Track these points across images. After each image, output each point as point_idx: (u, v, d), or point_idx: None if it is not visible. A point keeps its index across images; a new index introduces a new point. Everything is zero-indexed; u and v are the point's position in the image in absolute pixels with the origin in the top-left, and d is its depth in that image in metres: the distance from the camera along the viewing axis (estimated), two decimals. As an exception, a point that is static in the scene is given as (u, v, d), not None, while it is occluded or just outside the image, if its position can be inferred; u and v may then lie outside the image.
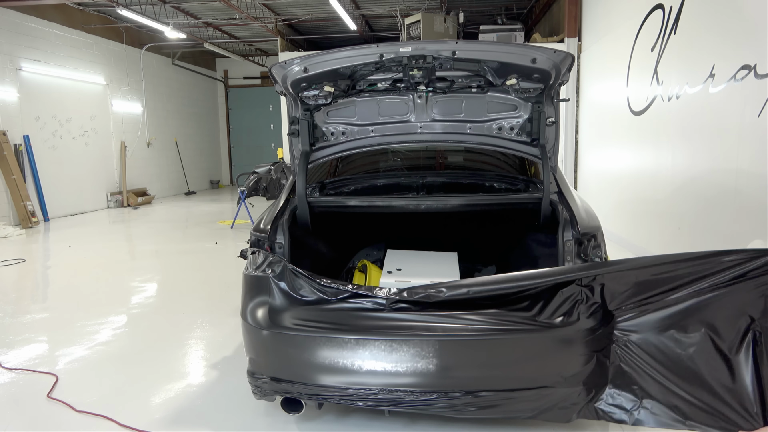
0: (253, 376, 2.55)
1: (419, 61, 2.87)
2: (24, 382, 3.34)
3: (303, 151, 3.26)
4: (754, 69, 3.98)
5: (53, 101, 10.58)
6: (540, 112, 3.11)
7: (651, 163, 5.98)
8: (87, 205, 11.54)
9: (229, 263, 6.52)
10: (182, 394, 3.13)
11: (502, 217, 3.81)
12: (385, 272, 3.18)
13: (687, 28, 5.13)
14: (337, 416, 2.81)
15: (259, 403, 2.88)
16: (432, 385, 2.36)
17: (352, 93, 3.23)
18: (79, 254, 7.16)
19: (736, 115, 4.23)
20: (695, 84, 4.89)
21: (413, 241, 3.83)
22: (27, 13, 9.86)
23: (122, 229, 9.67)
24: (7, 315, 4.64)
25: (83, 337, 4.05)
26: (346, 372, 2.39)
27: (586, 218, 2.82)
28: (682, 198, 5.19)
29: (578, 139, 9.41)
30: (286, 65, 2.91)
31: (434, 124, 3.32)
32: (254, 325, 2.51)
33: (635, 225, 6.49)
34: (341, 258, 4.04)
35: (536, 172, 3.70)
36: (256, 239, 2.89)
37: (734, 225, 4.27)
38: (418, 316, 2.41)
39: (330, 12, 10.97)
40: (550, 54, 2.77)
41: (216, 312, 4.60)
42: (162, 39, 13.01)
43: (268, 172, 8.78)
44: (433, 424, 2.71)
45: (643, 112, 6.20)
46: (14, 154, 9.48)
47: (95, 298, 5.16)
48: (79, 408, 2.95)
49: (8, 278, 5.98)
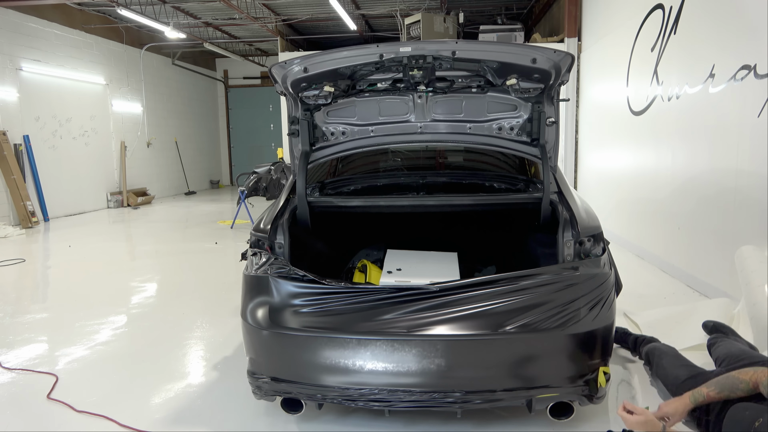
0: (253, 376, 2.55)
1: (419, 61, 2.87)
2: (24, 382, 3.34)
3: (303, 151, 3.26)
4: (754, 69, 3.98)
5: (53, 101, 10.57)
6: (540, 112, 3.11)
7: (651, 163, 5.98)
8: (87, 205, 11.54)
9: (229, 263, 6.52)
10: (182, 394, 3.13)
11: (502, 217, 3.81)
12: (385, 272, 3.18)
13: (687, 28, 5.13)
14: (337, 416, 2.81)
15: (259, 403, 2.88)
16: (433, 385, 2.36)
17: (352, 93, 3.23)
18: (79, 254, 7.16)
19: (736, 115, 4.23)
20: (695, 84, 4.89)
21: (413, 241, 3.83)
22: (27, 13, 9.86)
23: (122, 229, 9.67)
24: (7, 315, 4.64)
25: (83, 337, 4.05)
26: (347, 372, 2.39)
27: (586, 218, 2.82)
28: (682, 198, 5.19)
29: (578, 139, 9.40)
30: (286, 65, 2.91)
31: (434, 124, 3.32)
32: (254, 325, 2.51)
33: (635, 225, 6.49)
34: (341, 258, 4.04)
35: (536, 172, 3.70)
36: (256, 239, 2.89)
37: (734, 225, 4.27)
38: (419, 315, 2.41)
39: (330, 12, 10.96)
40: (550, 54, 2.76)
41: (216, 312, 4.60)
42: (162, 39, 13.01)
43: (268, 172, 8.78)
44: (433, 424, 2.71)
45: (643, 112, 6.19)
46: (14, 154, 9.48)
47: (95, 298, 5.15)
48: (79, 408, 2.95)
49: (8, 278, 5.98)
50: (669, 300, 4.63)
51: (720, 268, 4.44)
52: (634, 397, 2.98)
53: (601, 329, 2.42)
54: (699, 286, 4.80)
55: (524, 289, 2.45)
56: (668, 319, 3.95)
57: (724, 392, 2.21)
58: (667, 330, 3.66)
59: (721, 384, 2.21)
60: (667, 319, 3.94)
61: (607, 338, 2.46)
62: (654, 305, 4.40)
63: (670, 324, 3.83)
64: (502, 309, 2.40)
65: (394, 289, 2.50)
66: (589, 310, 2.41)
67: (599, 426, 2.68)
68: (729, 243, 4.28)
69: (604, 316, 2.43)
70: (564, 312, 2.38)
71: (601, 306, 2.44)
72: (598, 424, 2.69)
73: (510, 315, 2.39)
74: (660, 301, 4.61)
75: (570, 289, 2.45)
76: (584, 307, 2.41)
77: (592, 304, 2.43)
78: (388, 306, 2.45)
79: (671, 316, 3.99)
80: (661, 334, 3.42)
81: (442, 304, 2.43)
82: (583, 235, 2.70)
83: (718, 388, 2.21)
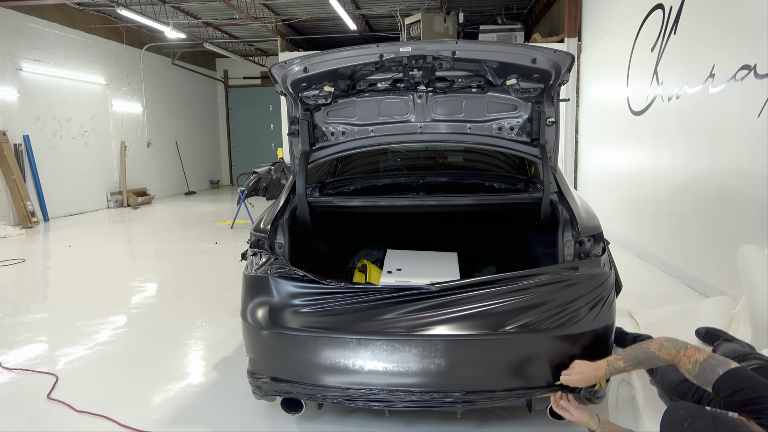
0: (253, 376, 2.55)
1: (419, 61, 2.87)
2: (24, 382, 3.34)
3: (303, 151, 3.26)
4: (754, 69, 3.98)
5: (53, 101, 10.57)
6: (540, 112, 3.11)
7: (651, 163, 5.98)
8: (87, 205, 11.54)
9: (229, 263, 6.52)
10: (182, 394, 3.13)
11: (502, 217, 3.81)
12: (385, 272, 3.18)
13: (687, 28, 5.13)
14: (337, 416, 2.81)
15: (259, 403, 2.88)
16: (433, 385, 2.36)
17: (352, 93, 3.22)
18: (79, 254, 7.16)
19: (736, 115, 4.23)
20: (695, 84, 4.89)
21: (413, 241, 3.83)
22: (27, 13, 9.86)
23: (122, 229, 9.67)
24: (7, 315, 4.64)
25: (83, 337, 4.05)
26: (347, 372, 2.39)
27: (586, 218, 2.82)
28: (682, 198, 5.19)
29: (578, 139, 9.41)
30: (286, 65, 2.91)
31: (434, 124, 3.32)
32: (254, 325, 2.51)
33: (635, 225, 6.49)
34: (341, 258, 4.04)
35: (536, 172, 3.70)
36: (256, 239, 2.89)
37: (734, 225, 4.27)
38: (419, 315, 2.41)
39: (330, 12, 10.96)
40: (550, 54, 2.76)
41: (216, 312, 4.60)
42: (162, 39, 13.01)
43: (268, 172, 8.78)
44: (433, 424, 2.71)
45: (643, 112, 6.20)
46: (14, 154, 9.48)
47: (95, 298, 5.15)
48: (79, 408, 2.95)
49: (8, 278, 5.98)
50: (669, 300, 4.63)
51: (720, 268, 4.44)
52: (634, 396, 2.98)
53: (601, 329, 2.42)
54: (699, 286, 4.80)
55: (524, 289, 2.45)
56: (668, 318, 3.95)
57: (642, 365, 2.25)
58: (667, 330, 3.66)
59: (636, 359, 2.23)
60: (666, 319, 3.94)
61: (607, 338, 2.47)
62: (654, 305, 4.40)
63: (669, 324, 3.83)
64: (502, 309, 2.40)
65: (394, 289, 2.50)
66: (589, 310, 2.41)
67: (599, 426, 2.68)
68: (729, 243, 4.28)
69: (604, 316, 2.43)
70: (564, 312, 2.38)
71: (601, 306, 2.44)
72: (598, 424, 2.69)
73: (510, 315, 2.39)
74: (660, 301, 4.61)
75: (570, 289, 2.46)
76: (584, 307, 2.41)
77: (592, 304, 2.43)
78: (388, 306, 2.45)
79: (671, 316, 3.99)
80: (660, 334, 3.41)
81: (442, 304, 2.44)
82: (583, 235, 2.70)
83: (633, 362, 2.23)
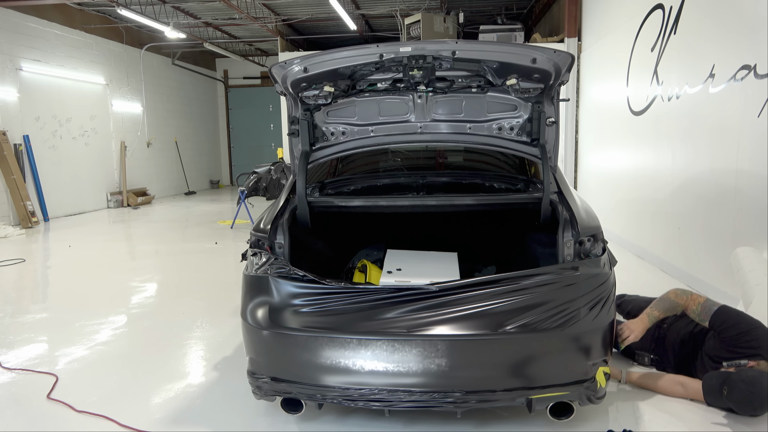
0: (253, 376, 2.55)
1: (419, 61, 2.87)
2: (24, 382, 3.34)
3: (303, 151, 3.26)
4: (754, 69, 3.98)
5: (53, 101, 10.57)
6: (540, 112, 3.11)
7: (651, 163, 5.98)
8: (87, 205, 11.54)
9: (229, 263, 6.53)
10: (182, 394, 3.13)
11: (502, 217, 3.81)
12: (385, 272, 3.18)
13: (687, 28, 5.13)
14: (337, 416, 2.81)
15: (259, 403, 2.88)
16: (433, 385, 2.36)
17: (352, 93, 3.22)
18: (79, 254, 7.16)
19: (736, 115, 4.23)
20: (695, 84, 4.89)
21: (413, 241, 3.83)
22: (27, 13, 9.86)
23: (122, 229, 9.67)
24: (7, 315, 4.64)
25: (83, 337, 4.05)
26: (347, 372, 2.39)
27: (586, 218, 2.82)
28: (682, 198, 5.19)
29: (578, 139, 9.41)
30: (286, 65, 2.91)
31: (434, 124, 3.32)
32: (254, 325, 2.51)
33: (635, 225, 6.49)
34: (341, 258, 4.04)
35: (536, 172, 3.70)
36: (256, 239, 2.89)
37: (734, 225, 4.27)
38: (419, 315, 2.41)
39: (330, 12, 10.96)
40: (550, 54, 2.76)
41: (216, 312, 4.60)
42: (162, 39, 13.01)
43: (268, 172, 8.78)
44: (433, 424, 2.71)
45: (643, 112, 6.20)
46: (14, 154, 9.48)
47: (95, 298, 5.15)
48: (79, 408, 2.95)
49: (8, 278, 5.98)
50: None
51: (720, 268, 4.44)
52: (635, 397, 2.98)
53: (601, 329, 2.42)
54: (699, 286, 4.80)
55: (524, 289, 2.45)
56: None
57: (669, 312, 2.97)
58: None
59: (664, 307, 2.96)
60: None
61: (607, 338, 2.47)
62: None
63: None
64: (502, 309, 2.41)
65: (394, 289, 2.50)
66: (589, 310, 2.41)
67: (599, 426, 2.68)
68: (729, 243, 4.28)
69: (604, 316, 2.44)
70: (564, 312, 2.39)
71: (600, 306, 2.44)
72: (598, 424, 2.69)
73: (510, 315, 2.39)
74: (660, 301, 4.61)
75: (570, 288, 2.46)
76: (584, 307, 2.41)
77: (592, 304, 2.43)
78: (388, 306, 2.46)
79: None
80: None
81: (442, 304, 2.44)
82: (583, 234, 2.71)
83: (662, 309, 2.97)
